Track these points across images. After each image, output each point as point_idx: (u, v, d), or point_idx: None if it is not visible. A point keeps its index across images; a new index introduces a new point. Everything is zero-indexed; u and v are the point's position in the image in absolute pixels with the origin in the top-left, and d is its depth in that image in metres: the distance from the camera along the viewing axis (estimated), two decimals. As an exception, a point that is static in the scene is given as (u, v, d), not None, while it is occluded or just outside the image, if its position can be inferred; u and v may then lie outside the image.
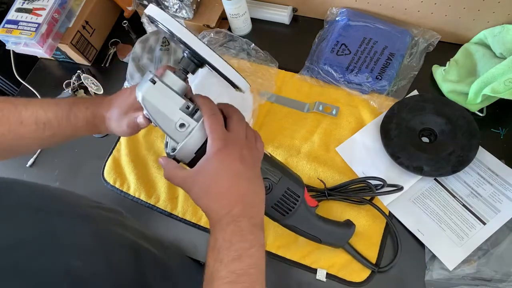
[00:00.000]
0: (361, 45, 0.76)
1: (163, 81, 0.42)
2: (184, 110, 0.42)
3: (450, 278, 0.57)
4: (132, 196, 0.72)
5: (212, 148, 0.41)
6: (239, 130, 0.43)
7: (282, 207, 0.52)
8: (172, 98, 0.42)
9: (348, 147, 0.70)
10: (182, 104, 0.42)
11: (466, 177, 0.64)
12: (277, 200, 0.51)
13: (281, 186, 0.50)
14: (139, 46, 0.82)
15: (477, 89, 0.64)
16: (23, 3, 0.83)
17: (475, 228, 0.60)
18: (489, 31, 0.69)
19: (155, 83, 0.41)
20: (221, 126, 0.42)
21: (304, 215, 0.55)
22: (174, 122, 0.42)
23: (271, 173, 0.49)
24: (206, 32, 0.78)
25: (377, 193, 0.62)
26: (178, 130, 0.42)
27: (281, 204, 0.52)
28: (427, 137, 0.68)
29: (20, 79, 0.91)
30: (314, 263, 0.62)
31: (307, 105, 0.75)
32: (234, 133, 0.42)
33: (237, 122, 0.43)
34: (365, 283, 0.60)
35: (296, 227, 0.57)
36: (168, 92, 0.42)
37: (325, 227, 0.58)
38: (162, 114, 0.42)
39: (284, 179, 0.50)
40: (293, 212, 0.53)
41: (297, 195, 0.52)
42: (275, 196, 0.50)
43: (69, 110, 0.50)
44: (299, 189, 0.52)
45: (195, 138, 0.42)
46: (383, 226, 0.63)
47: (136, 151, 0.76)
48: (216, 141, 0.41)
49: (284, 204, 0.52)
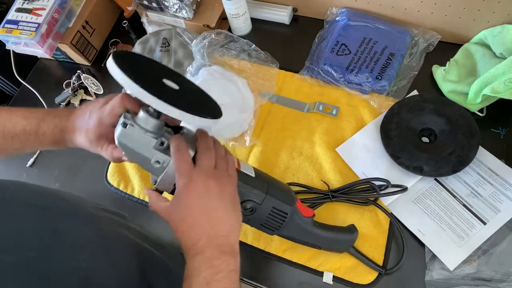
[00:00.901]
0: (361, 45, 0.76)
1: (136, 122, 0.43)
2: (157, 147, 0.44)
3: (450, 278, 0.57)
4: (137, 198, 0.72)
5: (179, 183, 0.43)
6: (205, 162, 0.44)
7: (270, 225, 0.52)
8: (144, 139, 0.43)
9: (348, 148, 0.70)
10: (155, 143, 0.44)
11: (466, 177, 0.64)
12: (264, 219, 0.51)
13: (265, 206, 0.50)
14: (139, 47, 0.82)
15: (477, 89, 0.64)
16: (23, 3, 0.83)
17: (475, 228, 0.60)
18: (489, 31, 0.69)
19: (126, 126, 0.43)
20: (185, 162, 0.43)
21: (299, 226, 0.55)
22: (149, 160, 0.44)
23: (253, 195, 0.49)
24: (207, 33, 0.78)
25: (382, 194, 0.62)
26: (154, 167, 0.44)
27: (269, 222, 0.52)
28: (427, 137, 0.68)
29: (20, 79, 0.91)
30: (321, 266, 0.61)
31: (307, 105, 0.75)
32: (200, 166, 0.44)
33: (203, 154, 0.45)
34: (372, 285, 0.59)
35: (292, 237, 0.57)
36: (140, 133, 0.43)
37: (324, 234, 0.57)
38: (137, 154, 0.44)
39: (268, 199, 0.50)
40: (283, 226, 0.53)
41: (285, 212, 0.51)
42: (262, 216, 0.51)
43: (37, 126, 0.49)
44: (286, 206, 0.51)
45: (171, 172, 0.44)
46: (387, 227, 0.63)
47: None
48: (181, 177, 0.43)
49: (272, 222, 0.52)
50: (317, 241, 0.58)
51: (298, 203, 0.54)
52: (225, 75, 0.76)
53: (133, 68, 0.42)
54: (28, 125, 0.49)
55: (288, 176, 0.69)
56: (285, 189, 0.54)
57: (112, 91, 0.86)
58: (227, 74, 0.76)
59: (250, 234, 0.66)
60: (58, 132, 0.50)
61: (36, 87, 0.90)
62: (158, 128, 0.45)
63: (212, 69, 0.76)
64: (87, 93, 0.88)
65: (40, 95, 0.89)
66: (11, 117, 0.49)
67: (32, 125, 0.49)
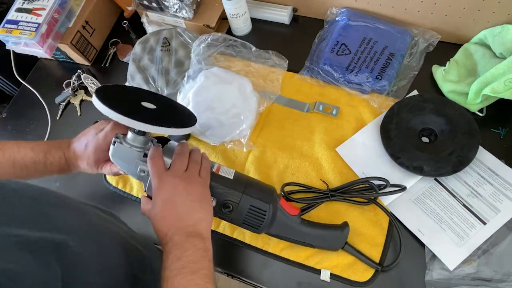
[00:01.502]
0: (361, 45, 0.76)
1: (125, 140, 0.54)
2: (141, 159, 0.54)
3: (450, 278, 0.57)
4: (135, 197, 0.73)
5: (153, 185, 0.51)
6: (176, 166, 0.52)
7: (252, 222, 0.56)
8: (130, 153, 0.53)
9: (348, 148, 0.70)
10: (138, 155, 0.54)
11: (466, 177, 0.64)
12: (244, 217, 0.55)
13: (243, 205, 0.55)
14: (139, 47, 0.82)
15: (477, 89, 0.64)
16: (23, 3, 0.83)
17: (475, 228, 0.60)
18: (489, 31, 0.69)
19: (115, 144, 0.53)
20: (158, 167, 0.51)
21: (285, 224, 0.58)
22: (136, 170, 0.54)
23: (230, 195, 0.55)
24: (207, 35, 0.78)
25: (380, 193, 0.62)
26: (141, 175, 0.54)
27: (249, 220, 0.56)
28: (427, 137, 0.68)
29: (20, 79, 0.91)
30: (318, 264, 0.62)
31: (307, 105, 0.75)
32: (171, 169, 0.52)
33: (176, 159, 0.53)
34: (369, 282, 0.60)
35: (281, 236, 0.59)
36: (126, 149, 0.53)
37: (313, 232, 0.59)
38: (126, 166, 0.54)
39: (245, 198, 0.55)
40: (264, 224, 0.56)
41: (263, 210, 0.55)
42: (241, 214, 0.55)
43: (44, 158, 0.57)
44: (265, 204, 0.55)
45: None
46: (386, 226, 0.63)
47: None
48: (153, 179, 0.51)
49: (253, 220, 0.56)
50: (308, 239, 0.59)
51: (282, 202, 0.57)
52: (224, 77, 0.76)
53: (113, 99, 0.51)
54: (36, 156, 0.57)
55: (288, 175, 0.69)
56: (265, 189, 0.58)
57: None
58: (227, 76, 0.76)
59: (248, 234, 0.66)
60: (64, 162, 0.59)
61: (36, 87, 0.90)
62: (144, 143, 0.54)
63: (211, 72, 0.76)
64: (87, 93, 0.88)
65: (40, 95, 0.89)
66: (19, 150, 0.57)
67: (40, 156, 0.57)
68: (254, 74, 0.78)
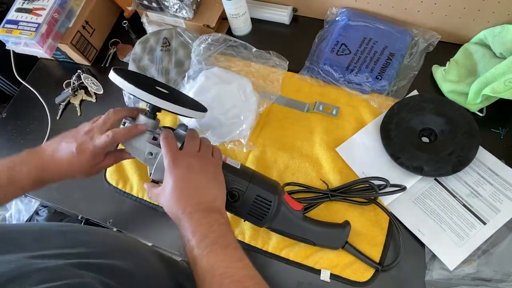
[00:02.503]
0: (361, 45, 0.76)
1: (134, 123, 0.55)
2: (151, 141, 0.54)
3: (450, 278, 0.57)
4: (136, 197, 0.72)
5: (165, 162, 0.50)
6: (190, 146, 0.53)
7: (256, 213, 0.56)
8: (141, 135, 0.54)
9: (348, 148, 0.70)
10: (149, 137, 0.54)
11: (466, 177, 0.64)
12: (249, 206, 0.55)
13: (249, 194, 0.55)
14: (140, 47, 0.82)
15: (477, 89, 0.64)
16: (23, 3, 0.83)
17: (475, 228, 0.60)
18: (489, 31, 0.69)
19: (125, 124, 0.55)
20: (171, 145, 0.51)
21: (288, 218, 0.57)
22: (144, 152, 0.54)
23: (237, 183, 0.55)
24: (207, 36, 0.78)
25: (380, 193, 0.62)
26: (148, 158, 0.54)
27: (254, 210, 0.55)
28: (427, 137, 0.68)
29: (20, 79, 0.91)
30: (318, 263, 0.62)
31: (307, 105, 0.75)
32: (185, 148, 0.52)
33: (189, 140, 0.54)
34: (369, 282, 0.59)
35: (283, 231, 0.58)
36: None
37: (315, 229, 0.59)
38: (135, 148, 0.54)
39: (252, 187, 0.55)
40: (269, 216, 0.55)
41: (269, 200, 0.55)
42: (247, 203, 0.55)
43: (8, 173, 0.52)
44: (271, 195, 0.55)
45: (161, 161, 0.52)
46: (386, 225, 0.63)
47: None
48: (167, 155, 0.50)
49: (258, 210, 0.55)
50: (309, 236, 0.59)
51: (285, 196, 0.57)
52: (225, 77, 0.76)
53: (131, 78, 0.52)
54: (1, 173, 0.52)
55: (288, 176, 0.69)
56: (270, 181, 0.58)
57: (112, 90, 0.86)
58: (227, 76, 0.76)
59: (248, 233, 0.66)
60: (36, 178, 0.53)
61: (36, 87, 0.90)
62: (154, 127, 0.55)
63: (211, 73, 0.76)
64: (87, 93, 0.88)
65: (40, 95, 0.89)
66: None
67: (4, 173, 0.52)
68: (254, 74, 0.78)
